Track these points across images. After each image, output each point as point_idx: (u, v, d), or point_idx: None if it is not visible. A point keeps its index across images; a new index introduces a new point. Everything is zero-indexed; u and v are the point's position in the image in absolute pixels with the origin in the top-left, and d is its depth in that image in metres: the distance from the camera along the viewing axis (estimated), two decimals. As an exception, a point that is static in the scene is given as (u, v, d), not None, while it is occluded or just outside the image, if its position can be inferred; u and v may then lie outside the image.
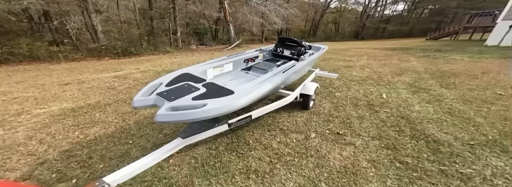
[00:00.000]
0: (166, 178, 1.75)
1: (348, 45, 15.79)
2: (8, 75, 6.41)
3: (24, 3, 8.24)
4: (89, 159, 2.00)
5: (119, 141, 2.32)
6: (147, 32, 13.43)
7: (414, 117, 2.85)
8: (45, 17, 10.37)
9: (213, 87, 1.89)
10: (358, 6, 33.91)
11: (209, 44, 17.60)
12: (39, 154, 2.08)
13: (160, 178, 1.76)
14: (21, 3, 8.34)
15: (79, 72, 6.31)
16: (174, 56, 10.22)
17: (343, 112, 3.06)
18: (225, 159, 2.06)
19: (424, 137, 2.36)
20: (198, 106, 1.53)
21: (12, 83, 5.23)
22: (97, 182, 1.31)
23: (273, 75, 2.25)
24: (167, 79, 2.04)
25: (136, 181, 1.70)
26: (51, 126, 2.71)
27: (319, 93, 3.80)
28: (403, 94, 3.76)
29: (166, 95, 1.70)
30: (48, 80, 5.39)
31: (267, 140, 2.39)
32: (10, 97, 4.00)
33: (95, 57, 9.77)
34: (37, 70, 7.11)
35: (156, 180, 1.73)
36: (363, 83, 4.43)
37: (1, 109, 3.36)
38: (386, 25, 32.10)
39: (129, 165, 1.53)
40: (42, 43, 9.68)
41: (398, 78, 4.80)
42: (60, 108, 3.34)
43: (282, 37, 3.94)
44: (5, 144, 2.27)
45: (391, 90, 3.96)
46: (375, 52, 9.76)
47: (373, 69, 5.78)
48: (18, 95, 4.13)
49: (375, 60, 7.28)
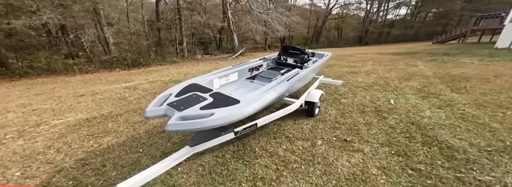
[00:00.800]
0: (175, 186, 1.80)
1: (352, 50, 15.79)
2: (27, 88, 6.80)
3: (44, 18, 8.82)
4: (102, 167, 2.09)
5: (130, 150, 2.41)
6: (155, 43, 14.02)
7: (425, 123, 2.81)
8: (62, 31, 11.05)
9: (220, 96, 1.97)
10: (360, 12, 34.16)
11: (214, 53, 18.07)
12: (56, 162, 2.19)
13: (170, 185, 1.81)
14: (41, 19, 8.93)
15: (92, 84, 6.61)
16: (181, 66, 10.54)
17: (349, 119, 3.05)
18: (231, 166, 2.10)
19: (437, 143, 2.31)
20: (206, 116, 1.60)
21: (31, 96, 5.55)
22: None
23: (278, 84, 2.32)
24: (176, 90, 2.15)
25: None
26: (68, 135, 2.85)
27: (325, 100, 3.82)
28: (412, 99, 3.71)
29: (176, 105, 1.79)
30: (64, 92, 5.68)
31: (273, 148, 2.41)
32: (30, 109, 4.24)
33: (107, 68, 10.23)
34: (54, 82, 7.49)
35: (166, 187, 1.78)
36: (369, 89, 4.41)
37: (21, 121, 3.56)
38: (390, 29, 32.01)
39: (140, 173, 1.60)
40: (59, 56, 10.28)
41: (406, 83, 4.75)
42: (76, 119, 3.51)
43: (285, 45, 4.04)
44: (25, 153, 2.41)
45: (399, 96, 3.92)
46: (379, 57, 9.71)
47: (379, 75, 5.74)
48: (37, 107, 4.37)
49: (381, 66, 7.24)
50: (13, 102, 4.87)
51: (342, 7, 32.36)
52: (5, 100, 5.16)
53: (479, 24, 15.92)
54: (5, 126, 3.30)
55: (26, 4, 9.06)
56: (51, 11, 8.96)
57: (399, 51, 12.18)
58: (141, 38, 13.39)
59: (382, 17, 34.67)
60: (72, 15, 9.35)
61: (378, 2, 31.73)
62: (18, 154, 2.39)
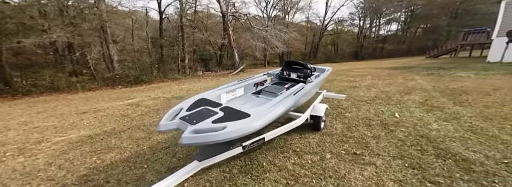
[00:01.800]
0: None
1: (350, 65, 16.19)
2: (29, 106, 6.79)
3: (54, 36, 9.16)
4: (105, 183, 2.01)
5: (134, 166, 2.34)
6: (157, 60, 14.42)
7: (434, 135, 2.79)
8: (69, 49, 11.40)
9: (230, 110, 1.99)
10: (354, 28, 35.70)
11: (214, 69, 18.48)
12: (58, 179, 2.11)
13: (177, 203, 1.73)
14: (51, 37, 9.26)
15: (95, 101, 6.63)
16: (182, 83, 10.69)
17: (356, 132, 3.03)
18: (240, 182, 2.03)
19: (451, 156, 2.27)
20: (218, 129, 1.62)
21: (33, 113, 5.52)
22: None
23: (285, 98, 2.35)
24: (187, 104, 2.18)
25: None
26: (70, 152, 2.79)
27: (329, 114, 3.82)
28: (417, 113, 3.72)
29: (188, 119, 1.81)
30: (67, 110, 5.67)
31: (281, 162, 2.36)
32: (31, 127, 4.19)
33: (109, 86, 10.36)
34: (56, 100, 7.51)
35: (173, 205, 1.70)
36: (372, 103, 4.45)
37: (22, 138, 3.50)
38: (383, 45, 33.16)
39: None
40: (63, 74, 10.46)
41: (407, 97, 4.80)
42: (78, 136, 3.46)
43: (288, 61, 4.17)
44: (25, 170, 2.33)
45: (402, 109, 3.94)
46: (377, 72, 9.94)
47: (379, 89, 5.83)
48: (39, 125, 4.33)
49: (380, 80, 7.38)
50: (14, 120, 4.83)
51: (336, 23, 33.87)
52: (6, 118, 5.12)
53: (468, 39, 16.59)
54: (5, 144, 3.23)
55: (38, 23, 9.50)
56: (61, 29, 9.35)
57: (395, 66, 12.50)
58: (144, 55, 13.83)
59: (375, 33, 36.23)
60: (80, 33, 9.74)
61: (369, 18, 33.47)
62: (17, 171, 2.31)
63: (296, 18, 34.52)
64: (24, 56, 11.19)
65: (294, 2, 28.84)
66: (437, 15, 29.03)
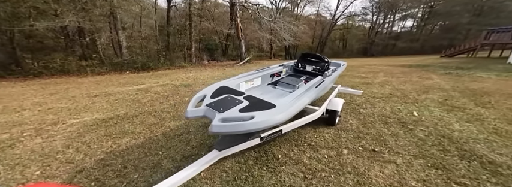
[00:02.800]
0: None
1: (359, 61, 15.76)
2: (41, 87, 6.90)
3: (66, 21, 9.15)
4: (123, 169, 2.02)
5: (149, 152, 2.35)
6: (164, 48, 14.33)
7: (457, 136, 2.68)
8: (79, 33, 11.40)
9: (254, 100, 1.93)
10: (366, 23, 34.36)
11: (220, 59, 18.39)
12: (76, 162, 2.13)
13: (196, 191, 1.72)
14: (63, 21, 9.26)
15: (104, 85, 6.68)
16: (189, 71, 10.65)
17: (373, 129, 2.95)
18: (256, 173, 2.00)
19: (476, 158, 2.19)
20: (245, 118, 1.57)
21: (45, 95, 5.60)
22: None
23: (307, 90, 2.27)
24: (210, 91, 2.13)
25: None
26: (86, 135, 2.81)
27: (342, 109, 3.72)
28: (436, 112, 3.59)
29: (215, 107, 1.77)
30: (78, 92, 5.73)
31: (296, 155, 2.32)
32: (45, 108, 4.25)
33: (117, 71, 10.41)
34: (67, 83, 7.61)
35: (191, 193, 1.69)
36: (388, 100, 4.31)
37: (38, 119, 3.56)
38: (395, 42, 31.96)
39: (171, 178, 1.53)
40: (73, 58, 10.52)
41: (425, 96, 4.64)
42: (92, 119, 3.49)
43: (304, 52, 4.03)
44: (44, 152, 2.36)
45: (421, 108, 3.81)
46: (390, 69, 9.64)
47: (394, 86, 5.65)
48: (53, 106, 4.39)
49: (393, 77, 7.15)
50: (28, 101, 4.91)
51: (347, 18, 32.65)
52: (20, 98, 5.21)
53: (490, 38, 15.79)
54: (22, 124, 3.29)
55: (51, 7, 9.45)
56: (73, 14, 9.31)
57: (409, 64, 12.10)
58: (152, 42, 13.76)
59: (387, 29, 34.86)
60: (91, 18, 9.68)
61: (383, 14, 32.07)
62: (36, 152, 2.34)
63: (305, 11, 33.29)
64: (36, 39, 11.29)
65: None
66: (459, 12, 27.39)
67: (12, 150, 2.39)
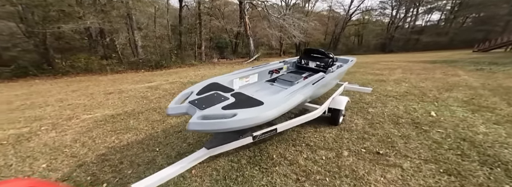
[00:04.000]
0: None
1: (375, 58, 14.89)
2: (66, 84, 7.48)
3: (88, 22, 9.82)
4: (120, 164, 2.10)
5: (147, 148, 2.42)
6: (176, 46, 14.84)
7: (480, 140, 2.41)
8: (101, 34, 12.19)
9: (242, 97, 1.87)
10: (384, 18, 32.11)
11: (229, 57, 18.55)
12: (80, 156, 2.26)
13: (182, 188, 1.73)
14: (85, 23, 9.96)
15: (120, 83, 7.05)
16: (198, 69, 10.89)
17: (380, 130, 2.75)
18: (247, 173, 1.97)
19: (501, 164, 1.95)
20: (228, 116, 1.51)
21: (68, 92, 6.06)
22: None
23: (302, 87, 2.16)
24: (198, 88, 2.11)
25: None
26: (94, 130, 2.98)
27: (349, 108, 3.53)
28: (459, 112, 3.25)
29: (198, 103, 1.74)
30: (96, 89, 6.12)
31: (292, 156, 2.24)
32: (65, 104, 4.59)
33: (134, 69, 11.00)
34: (89, 81, 8.16)
35: (178, 190, 1.70)
36: (402, 99, 4.00)
37: (57, 114, 3.85)
38: (419, 36, 29.43)
39: (156, 174, 1.54)
40: (95, 57, 11.29)
41: (447, 94, 4.23)
42: (103, 115, 3.69)
43: (307, 48, 3.86)
44: (54, 145, 2.54)
45: (441, 108, 3.48)
46: (409, 65, 8.96)
47: (412, 84, 5.23)
48: (72, 102, 4.73)
49: (412, 74, 6.63)
50: (53, 97, 5.34)
51: (363, 13, 30.87)
52: (47, 95, 5.69)
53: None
54: (42, 118, 3.58)
55: (75, 10, 10.20)
56: (94, 16, 9.97)
57: (433, 60, 11.16)
58: (165, 42, 14.31)
59: (410, 23, 32.30)
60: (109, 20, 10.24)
61: (405, 7, 29.77)
62: (48, 146, 2.53)
63: (317, 7, 32.04)
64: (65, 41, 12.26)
65: None
66: (496, 2, 24.40)
67: (28, 143, 2.61)
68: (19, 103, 4.86)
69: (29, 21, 9.99)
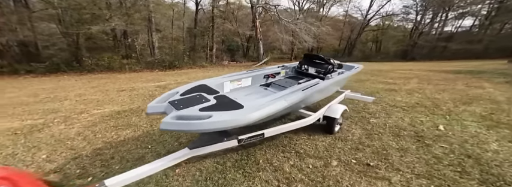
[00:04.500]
0: None
1: (393, 66, 14.14)
2: (88, 81, 8.08)
3: (113, 24, 10.67)
4: (111, 159, 2.21)
5: (140, 145, 2.53)
6: (189, 48, 15.44)
7: (488, 158, 2.21)
8: (124, 35, 13.06)
9: (224, 99, 1.89)
10: (407, 23, 30.11)
11: (240, 60, 18.81)
12: (78, 149, 2.43)
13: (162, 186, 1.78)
14: (110, 25, 10.82)
15: (134, 81, 7.46)
16: (208, 70, 11.23)
17: (378, 141, 2.61)
18: (230, 176, 1.97)
19: (503, 184, 1.78)
20: (203, 118, 1.53)
21: (88, 88, 6.53)
22: (97, 184, 1.40)
23: (291, 93, 2.13)
24: (184, 89, 2.17)
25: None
26: (98, 125, 3.18)
27: (349, 117, 3.39)
28: (472, 128, 3.00)
29: (177, 104, 1.78)
30: (112, 87, 6.53)
31: (279, 162, 2.21)
32: (82, 99, 4.96)
33: (149, 69, 11.62)
34: (108, 78, 8.74)
35: (157, 188, 1.76)
36: (410, 110, 3.77)
37: (72, 108, 4.17)
38: (447, 43, 27.06)
39: (133, 170, 1.60)
40: (117, 57, 12.09)
41: (464, 108, 3.91)
42: (111, 110, 3.93)
43: (307, 54, 3.80)
44: (59, 137, 2.75)
45: (452, 122, 3.23)
46: (429, 75, 8.39)
47: (425, 95, 4.90)
48: (88, 97, 5.09)
49: (429, 84, 6.21)
50: (73, 92, 5.80)
51: (383, 18, 29.28)
52: (69, 89, 6.19)
53: None
54: (58, 111, 3.90)
55: (103, 13, 11.15)
56: (119, 18, 10.80)
57: (458, 69, 10.36)
58: (179, 43, 14.98)
59: (437, 29, 30.16)
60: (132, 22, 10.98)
61: (432, 12, 27.90)
62: (54, 137, 2.74)
63: (332, 12, 31.06)
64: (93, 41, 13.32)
65: None
66: None
67: (38, 134, 2.85)
68: (44, 96, 5.34)
69: (66, 22, 11.07)
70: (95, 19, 11.38)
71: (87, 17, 11.33)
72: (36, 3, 11.47)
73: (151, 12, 11.07)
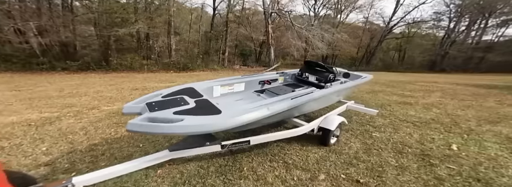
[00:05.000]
0: None
1: (416, 77, 13.16)
2: (110, 79, 8.67)
3: (137, 27, 11.51)
4: (101, 155, 2.30)
5: (133, 143, 2.61)
6: (204, 51, 15.98)
7: (502, 183, 1.95)
8: (146, 38, 13.95)
9: (204, 104, 1.87)
10: (438, 31, 27.67)
11: (251, 65, 18.94)
12: (75, 143, 2.56)
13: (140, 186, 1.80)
14: (135, 28, 11.68)
15: (148, 81, 7.86)
16: (218, 73, 11.50)
17: (376, 157, 2.42)
18: (209, 181, 1.94)
19: None
20: (174, 121, 1.51)
21: (107, 85, 7.00)
22: (64, 181, 1.41)
23: (278, 101, 2.06)
24: (168, 91, 2.20)
25: (117, 186, 1.79)
26: (102, 121, 3.36)
27: (350, 129, 3.19)
28: (492, 150, 2.66)
29: (153, 105, 1.78)
30: (128, 85, 6.93)
31: (263, 171, 2.13)
32: (98, 95, 5.31)
33: (165, 70, 12.26)
34: (127, 77, 9.31)
35: (133, 187, 1.78)
36: (422, 127, 3.45)
37: (86, 104, 4.47)
38: (485, 54, 24.42)
39: (104, 169, 1.60)
40: (138, 57, 12.91)
41: (489, 127, 3.49)
42: (118, 108, 4.15)
43: (307, 60, 3.68)
44: (65, 131, 2.94)
45: (469, 142, 2.90)
46: (456, 88, 7.65)
47: (445, 111, 4.47)
48: (104, 94, 5.44)
49: (454, 100, 5.65)
50: (93, 89, 6.25)
51: (408, 25, 27.34)
52: (90, 86, 6.69)
53: None
54: (73, 106, 4.21)
55: (130, 17, 12.12)
56: (142, 22, 11.64)
57: (494, 84, 9.33)
58: (195, 46, 15.61)
59: (473, 38, 27.49)
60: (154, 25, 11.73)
61: (469, 19, 25.55)
62: (60, 131, 2.94)
63: (351, 18, 29.68)
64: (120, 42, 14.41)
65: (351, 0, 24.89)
66: None
67: (49, 126, 3.09)
68: (68, 91, 5.82)
69: (100, 25, 12.21)
70: (123, 22, 12.40)
71: (118, 20, 12.41)
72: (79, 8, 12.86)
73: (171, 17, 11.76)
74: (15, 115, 3.62)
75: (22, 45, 10.71)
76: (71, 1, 11.92)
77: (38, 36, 10.65)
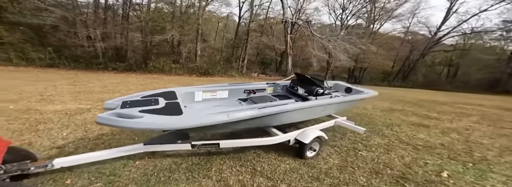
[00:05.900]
0: (114, 176, 2.06)
1: (459, 97, 11.39)
2: (143, 79, 9.86)
3: (169, 34, 12.99)
4: (101, 144, 2.71)
5: (131, 137, 3.01)
6: (225, 58, 16.84)
7: None
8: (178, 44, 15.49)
9: (173, 105, 2.06)
10: (507, 43, 22.68)
11: (270, 73, 19.17)
12: (89, 132, 3.04)
13: (112, 174, 2.08)
14: (168, 35, 13.18)
15: (171, 83, 8.72)
16: (235, 80, 11.91)
17: (347, 174, 2.34)
18: (175, 176, 2.15)
19: None
20: (135, 117, 1.71)
21: (138, 85, 8.02)
22: (47, 161, 1.75)
23: (244, 109, 2.21)
24: (149, 92, 2.46)
25: (94, 171, 2.11)
26: (116, 115, 3.94)
27: (338, 145, 3.09)
28: (493, 181, 2.36)
29: (127, 104, 2.02)
30: (154, 86, 7.83)
31: (229, 174, 2.27)
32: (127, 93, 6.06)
33: (189, 73, 13.48)
34: (156, 78, 10.45)
35: (108, 174, 2.08)
36: (422, 151, 3.13)
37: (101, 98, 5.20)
38: None
39: (82, 154, 1.91)
40: (169, 61, 14.39)
41: (510, 159, 3.01)
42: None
43: (298, 73, 3.69)
44: (87, 121, 3.52)
45: (470, 171, 2.58)
46: (503, 114, 6.47)
47: (466, 137, 3.92)
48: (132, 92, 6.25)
49: (490, 126, 4.85)
50: (127, 87, 7.24)
51: (464, 36, 23.11)
52: (126, 85, 7.76)
53: None
54: (104, 100, 4.98)
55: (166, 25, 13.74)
56: (175, 30, 13.12)
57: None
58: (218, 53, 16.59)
59: None
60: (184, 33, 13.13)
61: None
62: (84, 120, 3.54)
63: (386, 29, 26.38)
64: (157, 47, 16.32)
65: (387, 9, 22.12)
66: None
67: (78, 116, 3.75)
68: (107, 88, 6.86)
69: (144, 32, 14.17)
70: (161, 30, 14.11)
71: (158, 28, 14.21)
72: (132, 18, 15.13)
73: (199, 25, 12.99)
74: (61, 104, 4.48)
75: (89, 48, 13.09)
76: (128, 11, 14.13)
77: (100, 41, 12.85)
